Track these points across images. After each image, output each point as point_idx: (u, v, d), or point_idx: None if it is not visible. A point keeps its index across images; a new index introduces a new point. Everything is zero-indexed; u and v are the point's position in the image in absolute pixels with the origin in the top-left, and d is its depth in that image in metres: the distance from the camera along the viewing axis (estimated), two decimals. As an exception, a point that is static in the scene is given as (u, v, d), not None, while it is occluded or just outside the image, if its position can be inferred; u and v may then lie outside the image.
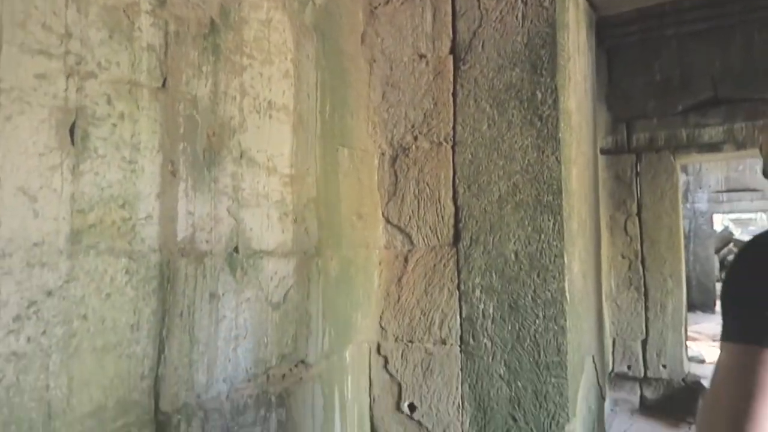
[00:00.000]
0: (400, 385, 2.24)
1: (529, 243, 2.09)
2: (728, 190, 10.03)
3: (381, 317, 2.29)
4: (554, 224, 2.06)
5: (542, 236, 2.07)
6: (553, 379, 2.01)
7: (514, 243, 2.11)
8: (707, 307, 10.23)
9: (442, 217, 2.24)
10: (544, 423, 2.01)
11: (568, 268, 2.05)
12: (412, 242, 2.28)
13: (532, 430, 2.02)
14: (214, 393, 1.57)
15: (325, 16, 2.11)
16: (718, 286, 11.88)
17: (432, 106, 2.28)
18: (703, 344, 7.78)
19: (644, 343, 5.49)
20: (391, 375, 2.26)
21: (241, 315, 1.66)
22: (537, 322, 2.05)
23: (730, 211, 10.93)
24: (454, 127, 2.24)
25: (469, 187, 2.20)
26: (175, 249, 1.46)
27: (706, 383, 5.35)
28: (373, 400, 2.26)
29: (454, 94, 2.25)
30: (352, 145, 2.22)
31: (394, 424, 2.23)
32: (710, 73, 5.33)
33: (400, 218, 2.31)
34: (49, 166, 1.19)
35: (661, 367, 5.46)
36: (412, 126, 2.31)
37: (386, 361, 2.27)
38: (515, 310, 2.09)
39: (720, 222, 15.66)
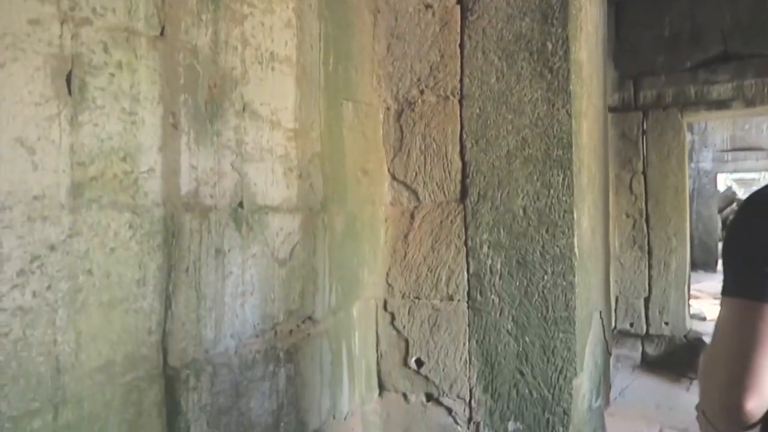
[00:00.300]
0: (407, 341, 2.24)
1: (538, 198, 2.05)
2: (733, 149, 9.94)
3: (388, 274, 2.27)
4: (564, 179, 2.02)
5: (551, 191, 2.04)
6: (561, 334, 2.00)
7: (523, 198, 2.07)
8: (709, 266, 10.26)
9: (449, 173, 2.20)
10: (551, 377, 2.01)
11: (577, 223, 2.03)
12: (418, 198, 2.25)
13: (539, 384, 2.03)
14: (222, 348, 1.56)
15: (328, -36, 2.03)
16: (720, 245, 11.88)
17: (438, 58, 2.22)
18: (704, 302, 7.82)
19: (647, 300, 5.51)
20: (398, 331, 2.25)
21: (247, 271, 1.64)
22: (545, 277, 2.03)
23: (735, 171, 10.86)
24: (461, 81, 2.18)
25: (476, 141, 2.15)
26: (179, 203, 1.43)
27: (707, 340, 5.39)
28: (381, 355, 2.26)
29: (462, 46, 2.18)
30: (356, 99, 2.17)
31: (402, 379, 2.24)
32: (720, 28, 5.21)
33: (406, 174, 2.27)
34: (46, 116, 1.15)
35: (663, 325, 5.50)
36: (418, 79, 2.25)
37: (393, 318, 2.26)
38: (523, 266, 2.07)
39: (723, 182, 15.58)
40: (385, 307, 2.28)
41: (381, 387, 2.26)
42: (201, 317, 1.49)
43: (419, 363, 2.22)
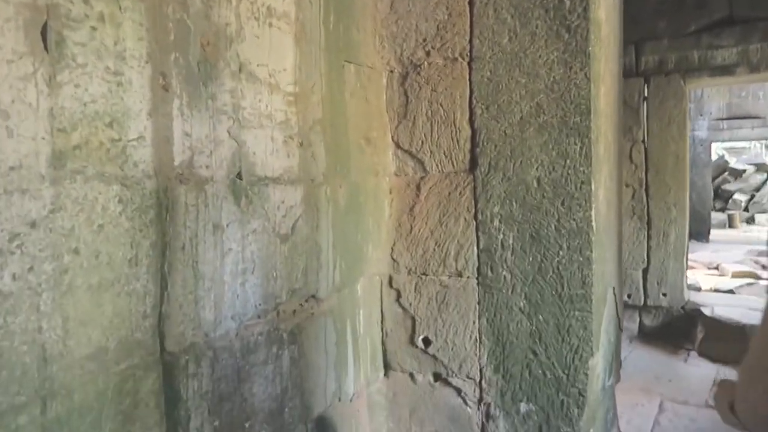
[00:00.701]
0: (413, 319, 2.14)
1: (554, 169, 1.93)
2: (729, 118, 9.85)
3: (392, 249, 2.16)
4: (581, 148, 1.90)
5: (567, 161, 1.92)
6: (576, 313, 1.91)
7: (537, 169, 1.95)
8: (702, 236, 10.26)
9: (458, 142, 2.07)
10: (566, 357, 1.92)
11: (594, 195, 1.91)
12: (424, 169, 2.12)
13: (553, 364, 1.94)
14: (223, 331, 1.45)
15: None
16: (714, 215, 11.92)
17: (446, 17, 2.07)
18: (698, 272, 7.81)
19: (645, 271, 5.45)
20: (404, 309, 2.15)
21: (247, 248, 1.52)
22: (560, 253, 1.93)
23: (730, 139, 10.80)
24: (470, 41, 2.04)
25: (487, 107, 2.02)
26: (173, 175, 1.30)
27: (705, 311, 5.36)
28: (386, 334, 2.16)
29: (471, 3, 2.03)
30: (358, 61, 2.02)
31: (408, 359, 2.15)
32: (726, -9, 5.05)
33: (411, 143, 2.14)
34: (20, 75, 1.01)
35: (661, 296, 5.46)
36: (424, 40, 2.10)
37: (399, 295, 2.15)
38: (537, 240, 1.96)
39: (714, 151, 15.55)
40: (390, 284, 2.17)
41: (387, 367, 2.17)
42: (199, 298, 1.38)
43: (426, 342, 2.12)
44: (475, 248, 2.05)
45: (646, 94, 5.30)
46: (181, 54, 1.33)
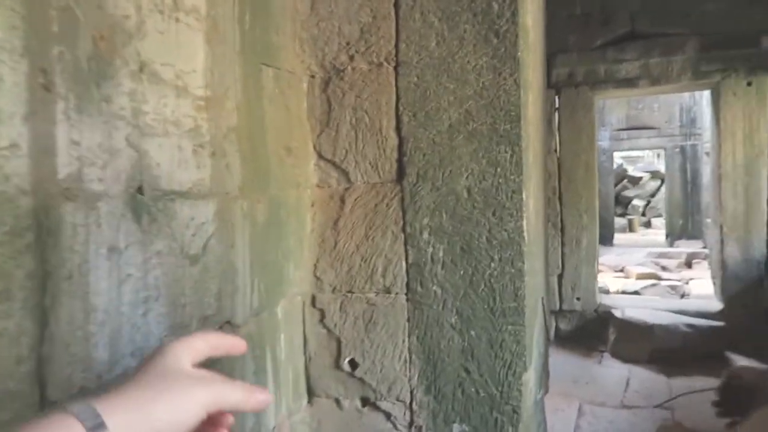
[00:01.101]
0: (339, 341, 1.99)
1: (484, 178, 1.86)
2: (628, 128, 10.42)
3: (316, 266, 2.00)
4: (512, 156, 1.84)
5: (498, 170, 1.85)
6: (509, 327, 1.83)
7: (467, 178, 1.87)
8: (607, 240, 10.77)
9: (384, 151, 1.96)
10: (500, 374, 1.84)
11: (525, 204, 1.85)
12: (349, 179, 1.98)
13: (486, 381, 1.85)
14: (121, 371, 1.24)
15: None
16: (616, 220, 12.58)
17: (370, 19, 1.95)
18: (606, 275, 8.15)
19: (560, 277, 5.59)
20: (328, 330, 2.00)
21: (150, 272, 1.32)
22: (492, 265, 1.85)
23: (630, 149, 11.43)
24: (396, 45, 1.93)
25: (414, 115, 1.92)
26: (57, 190, 1.09)
27: (616, 313, 5.56)
28: (309, 358, 2.00)
29: (397, 5, 1.93)
30: (277, 65, 1.86)
31: (334, 383, 1.99)
32: (628, 8, 5.29)
33: (334, 152, 2.00)
34: None
35: (575, 300, 5.61)
36: (347, 43, 1.98)
37: (323, 315, 2.00)
38: (468, 253, 1.87)
39: (614, 159, 16.42)
40: (313, 304, 2.01)
41: (310, 394, 2.00)
42: (91, 335, 1.17)
43: (353, 364, 1.98)
44: (404, 263, 1.93)
45: (557, 106, 5.44)
46: (67, 48, 1.12)
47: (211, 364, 1.49)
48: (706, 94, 8.89)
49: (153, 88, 1.34)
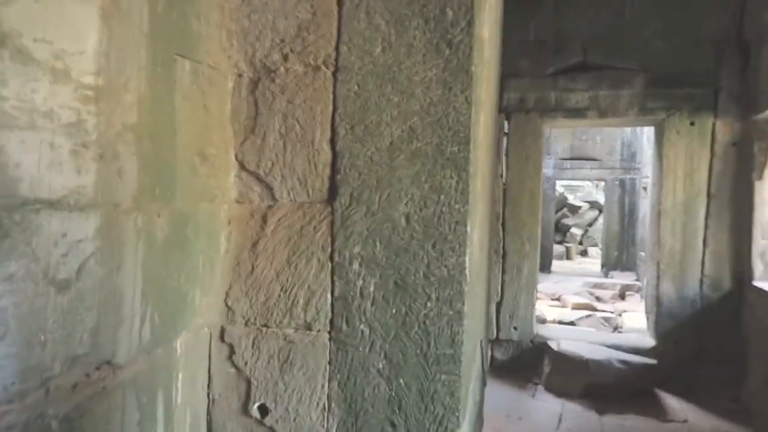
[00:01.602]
0: (249, 382, 1.72)
1: (425, 205, 1.64)
2: (572, 158, 10.56)
3: (227, 294, 1.73)
4: (458, 183, 1.63)
5: (442, 197, 1.64)
6: (443, 376, 1.62)
7: (407, 204, 1.65)
8: (545, 267, 10.83)
9: (316, 166, 1.72)
10: (429, 429, 1.62)
11: (469, 238, 1.65)
12: (273, 196, 1.73)
13: (415, 438, 1.62)
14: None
15: None
16: (555, 247, 12.73)
17: (310, 15, 1.72)
18: (543, 303, 8.13)
19: (498, 305, 5.46)
20: (237, 368, 1.73)
21: (-4, 302, 1.03)
22: (428, 305, 1.63)
23: (572, 178, 11.60)
24: (337, 48, 1.70)
25: (352, 128, 1.69)
26: None
27: (552, 345, 5.47)
28: (213, 401, 1.72)
29: (340, 3, 1.70)
30: (197, 57, 1.60)
31: (240, 432, 1.72)
32: (581, 39, 5.26)
33: (259, 164, 1.74)
34: None
35: (512, 329, 5.49)
36: (282, 40, 1.73)
37: (232, 351, 1.73)
38: (402, 289, 1.65)
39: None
40: (222, 338, 1.74)
41: (211, 443, 1.72)
42: None
43: (264, 410, 1.71)
44: (329, 296, 1.69)
45: (506, 130, 5.35)
46: None
47: (83, 413, 1.20)
48: (647, 131, 9.10)
49: (18, 69, 1.05)
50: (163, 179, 1.45)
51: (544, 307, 7.71)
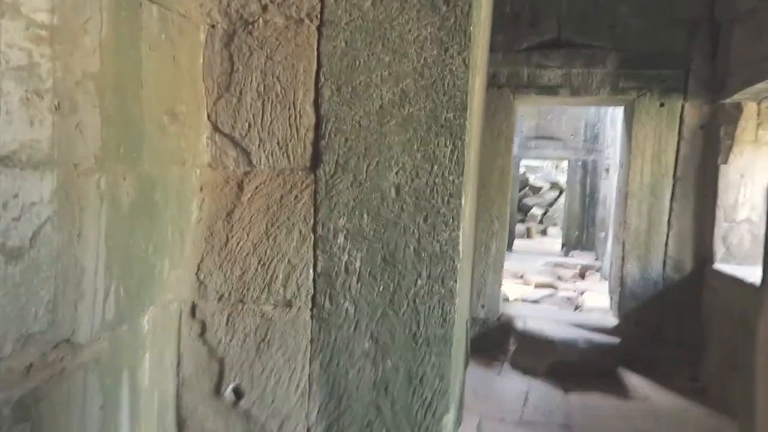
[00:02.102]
0: (222, 362, 1.58)
1: (417, 175, 1.52)
2: (537, 137, 10.57)
3: (200, 267, 1.58)
4: (452, 152, 1.52)
5: (435, 167, 1.52)
6: (433, 358, 1.52)
7: (397, 174, 1.53)
8: (507, 246, 10.89)
9: (297, 130, 1.57)
10: (417, 414, 1.52)
11: (462, 211, 1.54)
12: (250, 161, 1.58)
13: (400, 424, 1.52)
14: None
15: None
16: (518, 226, 12.82)
17: (293, -38, 1.56)
18: (506, 281, 8.17)
19: (466, 283, 5.42)
20: (210, 347, 1.59)
21: (-71, 273, 0.87)
22: (419, 282, 1.52)
23: (537, 157, 11.65)
24: None
25: (339, 89, 1.55)
26: None
27: (517, 323, 5.48)
28: (182, 382, 1.58)
29: (328, -50, 1.54)
30: (166, 3, 1.42)
31: (212, 416, 1.59)
32: (557, 14, 5.18)
33: (234, 125, 1.59)
34: None
35: (480, 308, 5.46)
36: (262, -11, 1.57)
37: (204, 329, 1.59)
38: (391, 265, 1.53)
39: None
40: (192, 314, 1.59)
41: (181, 428, 1.58)
42: None
43: (238, 393, 1.58)
44: (311, 271, 1.56)
45: (478, 105, 5.26)
46: None
47: (39, 398, 1.05)
48: (611, 112, 9.15)
49: (-44, -5, 0.88)
50: (128, 137, 1.29)
51: (507, 286, 7.75)
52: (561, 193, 14.69)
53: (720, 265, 4.81)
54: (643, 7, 5.11)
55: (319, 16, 1.55)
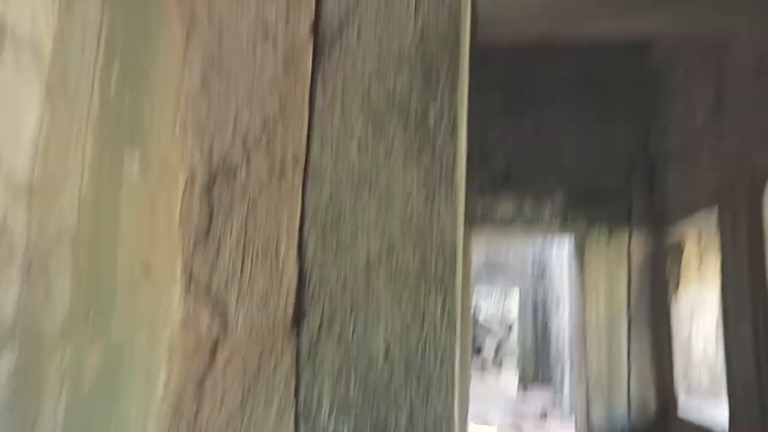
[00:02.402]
0: None
1: (408, 332, 1.41)
2: (487, 267, 10.73)
3: (162, 445, 1.37)
4: (443, 305, 1.43)
5: (425, 323, 1.42)
6: None
7: (386, 333, 1.41)
8: (460, 378, 10.61)
9: (280, 284, 1.45)
10: None
11: (457, 372, 1.42)
12: (226, 320, 1.43)
13: None
14: None
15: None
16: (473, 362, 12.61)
17: (277, 108, 1.52)
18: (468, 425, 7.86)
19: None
20: None
21: None
22: (414, 458, 1.36)
23: (488, 284, 11.72)
24: (308, 146, 1.51)
25: (324, 239, 1.46)
26: None
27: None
28: None
29: (312, 97, 1.52)
30: (147, 147, 1.34)
31: None
32: (506, 151, 5.44)
33: (211, 278, 1.46)
34: None
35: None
36: (245, 134, 1.52)
37: None
38: (383, 437, 1.37)
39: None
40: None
41: None
42: None
43: None
44: (293, 445, 1.38)
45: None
46: None
47: None
48: (555, 246, 9.43)
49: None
50: (99, 300, 1.14)
51: (471, 428, 7.41)
52: (512, 326, 14.70)
53: (684, 409, 4.72)
54: (584, 145, 5.43)
55: (304, 163, 1.50)
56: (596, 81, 5.38)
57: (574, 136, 5.50)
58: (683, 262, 5.18)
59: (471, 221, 5.31)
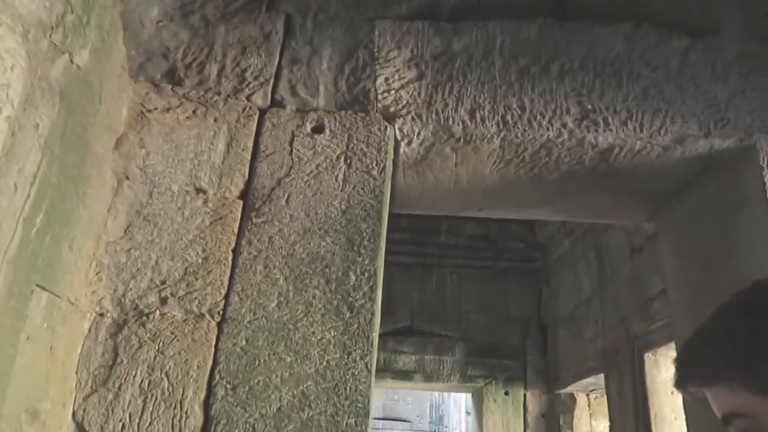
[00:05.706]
0: None
1: (315, 492, 1.38)
2: (384, 418, 10.44)
3: None
4: (352, 461, 1.42)
5: (333, 482, 1.40)
6: None
7: (293, 490, 1.38)
8: None
9: (181, 433, 1.40)
10: None
11: None
12: (119, 474, 1.35)
13: None
14: None
15: (81, 88, 1.34)
16: None
17: (200, 260, 1.56)
18: None
19: None
20: None
21: None
22: None
23: (384, 439, 11.31)
24: (227, 297, 1.54)
25: (234, 388, 1.45)
26: None
27: None
28: None
29: (236, 251, 1.59)
30: (58, 290, 1.32)
31: None
32: (409, 305, 5.59)
33: (104, 426, 1.38)
34: None
35: None
36: (163, 282, 1.53)
37: None
38: None
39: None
40: None
41: None
42: None
43: None
44: None
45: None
46: None
47: None
48: (453, 395, 9.47)
49: None
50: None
51: None
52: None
53: None
54: (483, 304, 5.69)
55: (221, 312, 1.52)
56: (494, 246, 5.79)
57: (474, 296, 5.78)
58: (575, 421, 5.35)
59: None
